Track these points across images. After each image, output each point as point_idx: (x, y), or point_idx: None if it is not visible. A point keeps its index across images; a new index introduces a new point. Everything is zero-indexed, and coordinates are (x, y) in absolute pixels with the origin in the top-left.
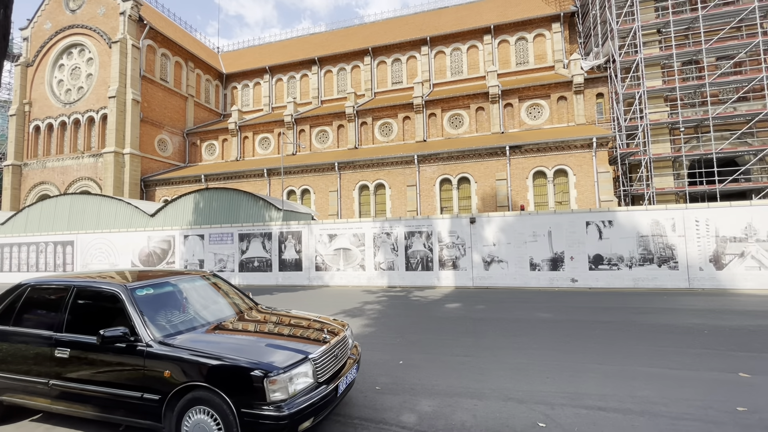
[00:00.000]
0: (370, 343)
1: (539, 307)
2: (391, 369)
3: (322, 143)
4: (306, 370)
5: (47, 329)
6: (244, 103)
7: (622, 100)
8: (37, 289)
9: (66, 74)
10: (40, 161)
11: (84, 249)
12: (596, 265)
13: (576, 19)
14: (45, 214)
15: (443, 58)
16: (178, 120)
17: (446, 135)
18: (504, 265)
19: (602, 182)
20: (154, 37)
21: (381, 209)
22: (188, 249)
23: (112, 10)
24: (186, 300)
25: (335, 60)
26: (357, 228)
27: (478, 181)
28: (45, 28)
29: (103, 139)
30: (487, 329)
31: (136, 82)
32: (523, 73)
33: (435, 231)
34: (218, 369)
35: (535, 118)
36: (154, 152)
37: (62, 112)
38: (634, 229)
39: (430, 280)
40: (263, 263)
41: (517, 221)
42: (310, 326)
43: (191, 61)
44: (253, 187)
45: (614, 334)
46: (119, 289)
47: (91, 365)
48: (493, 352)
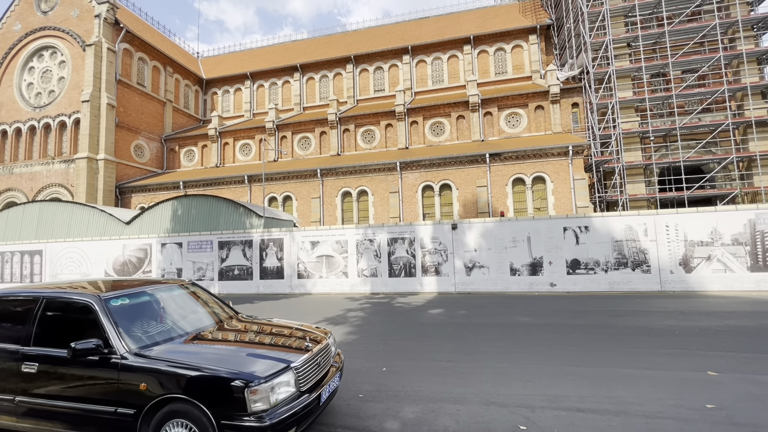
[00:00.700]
0: (353, 350)
1: (519, 312)
2: (374, 376)
3: (305, 150)
4: (288, 379)
5: (13, 343)
6: (224, 109)
7: (596, 109)
8: (3, 301)
9: (36, 77)
10: (7, 167)
11: (54, 258)
12: (574, 269)
13: (552, 32)
14: (11, 223)
15: (424, 66)
16: (156, 125)
17: (428, 142)
18: (485, 271)
19: (578, 189)
20: (131, 40)
21: (364, 216)
22: (166, 257)
23: (86, 12)
24: (163, 310)
25: (317, 67)
26: (340, 235)
27: (460, 188)
28: (14, 29)
29: (75, 145)
30: (469, 334)
31: (111, 86)
32: (501, 82)
33: (417, 237)
34: (197, 380)
35: (514, 127)
36: (130, 158)
37: (32, 116)
38: (609, 234)
39: (413, 286)
40: (244, 271)
41: (497, 227)
42: (291, 334)
43: (170, 65)
44: (234, 194)
45: (591, 336)
46: (92, 300)
47: (61, 380)
48: (475, 357)
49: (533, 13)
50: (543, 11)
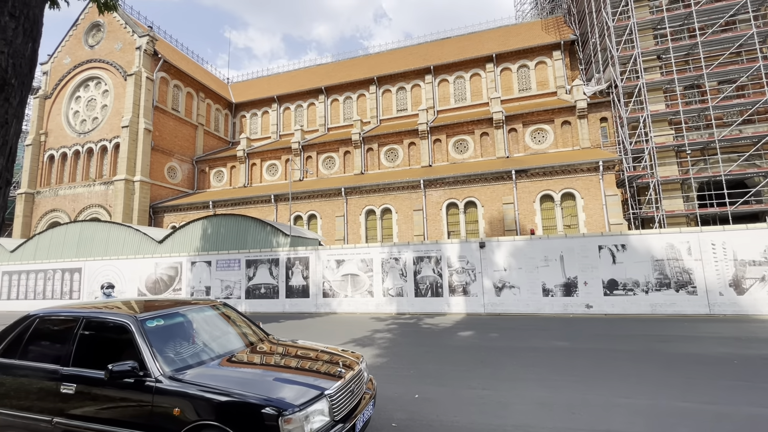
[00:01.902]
0: (383, 374)
1: (555, 335)
2: (406, 403)
3: (329, 169)
4: (322, 408)
5: (54, 363)
6: (252, 131)
7: (626, 123)
8: (46, 321)
9: (82, 106)
10: (53, 189)
11: (91, 276)
12: (611, 290)
13: (576, 47)
14: (54, 242)
15: (447, 85)
16: (188, 148)
17: (451, 160)
18: (516, 291)
19: (611, 205)
20: (168, 69)
21: (388, 234)
22: (195, 276)
23: (128, 45)
24: (196, 331)
25: (341, 89)
26: (365, 253)
27: (485, 205)
28: (64, 62)
29: (114, 167)
30: (504, 359)
31: (148, 112)
32: (526, 99)
33: (444, 256)
34: (230, 407)
35: (540, 143)
36: (163, 179)
37: (76, 142)
38: (648, 252)
39: (440, 306)
40: (270, 290)
41: (527, 245)
42: (323, 359)
43: (202, 91)
44: (261, 213)
45: (638, 364)
46: (129, 321)
47: (98, 401)
48: (513, 384)
49: (557, 30)
50: (567, 27)
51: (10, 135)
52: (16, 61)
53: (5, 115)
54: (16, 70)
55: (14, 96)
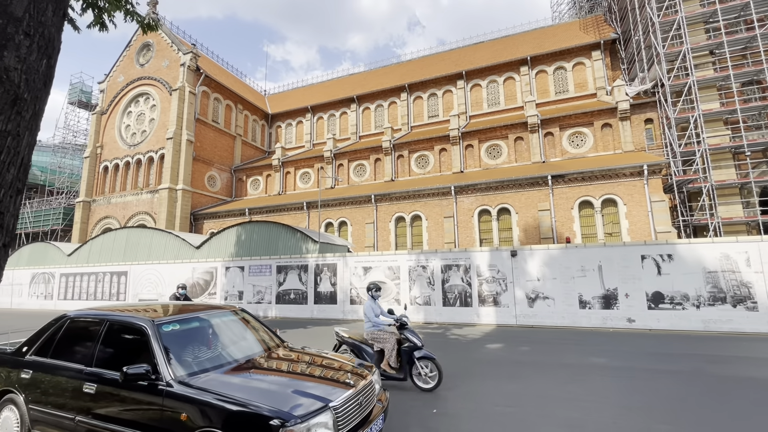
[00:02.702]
0: (401, 386)
1: (592, 351)
2: (423, 418)
3: (360, 176)
4: (326, 420)
5: (79, 363)
6: (287, 140)
7: (674, 124)
8: (76, 321)
9: (133, 120)
10: (106, 198)
11: (136, 279)
12: (656, 303)
13: (617, 46)
14: (105, 247)
15: (479, 90)
16: (227, 157)
17: (484, 165)
18: (550, 302)
19: (657, 212)
20: (209, 83)
21: (417, 241)
22: (229, 280)
23: (174, 62)
24: (212, 337)
25: (373, 97)
26: (392, 260)
27: (519, 212)
28: (118, 80)
29: (159, 177)
30: (533, 375)
31: (190, 124)
32: (563, 101)
33: (473, 264)
34: (232, 415)
35: (578, 147)
36: (203, 188)
37: (127, 153)
38: (699, 263)
39: (469, 316)
40: (299, 295)
41: (563, 254)
42: (333, 369)
43: (240, 103)
44: (294, 220)
45: (685, 386)
46: (146, 324)
47: (114, 402)
48: (541, 403)
49: (596, 29)
50: (607, 26)
51: (23, 147)
52: (30, 77)
53: (17, 128)
54: (30, 85)
55: (27, 110)
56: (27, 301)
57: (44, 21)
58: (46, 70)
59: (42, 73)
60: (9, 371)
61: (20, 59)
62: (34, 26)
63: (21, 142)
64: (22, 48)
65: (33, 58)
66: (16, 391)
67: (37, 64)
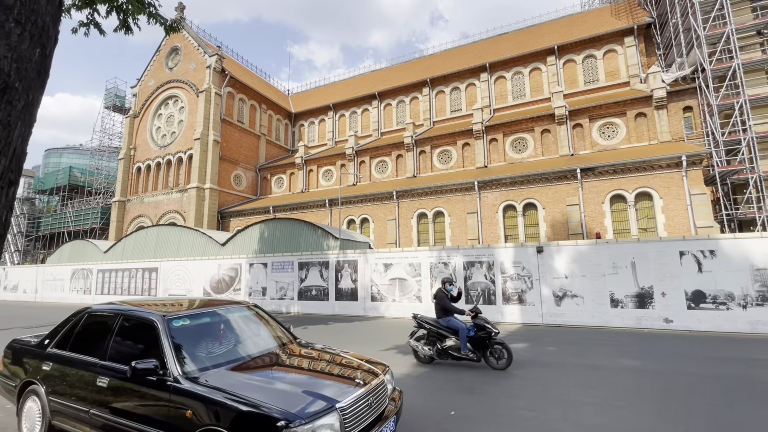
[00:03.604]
0: (419, 386)
1: (624, 352)
2: (440, 420)
3: (382, 173)
4: (332, 422)
5: (94, 356)
6: (310, 138)
7: (717, 112)
8: (93, 316)
9: (163, 122)
10: (139, 197)
11: (165, 275)
12: (696, 303)
13: (653, 30)
14: (137, 244)
15: (504, 83)
16: (252, 157)
17: (509, 160)
18: (579, 301)
19: (697, 205)
20: (234, 84)
21: (440, 237)
22: (253, 277)
23: (200, 64)
24: (223, 332)
25: (394, 93)
26: (413, 257)
27: (546, 207)
28: (149, 84)
29: (188, 176)
30: (559, 377)
31: (217, 125)
32: (593, 91)
33: (497, 261)
34: (235, 413)
35: (610, 138)
36: (230, 186)
37: (158, 155)
38: (746, 260)
39: (492, 314)
40: (321, 292)
41: (592, 251)
42: (343, 367)
43: (264, 103)
44: (316, 217)
45: (728, 393)
46: (156, 319)
47: (125, 396)
48: (565, 408)
49: (629, 14)
50: (641, 10)
51: (14, 137)
52: (21, 66)
53: (8, 118)
54: (21, 74)
55: (18, 99)
56: (68, 295)
57: (37, 9)
58: (41, 59)
59: (35, 63)
60: (32, 363)
61: (10, 47)
62: (25, 14)
63: (12, 133)
64: (12, 36)
65: (25, 47)
66: (38, 383)
67: (30, 53)
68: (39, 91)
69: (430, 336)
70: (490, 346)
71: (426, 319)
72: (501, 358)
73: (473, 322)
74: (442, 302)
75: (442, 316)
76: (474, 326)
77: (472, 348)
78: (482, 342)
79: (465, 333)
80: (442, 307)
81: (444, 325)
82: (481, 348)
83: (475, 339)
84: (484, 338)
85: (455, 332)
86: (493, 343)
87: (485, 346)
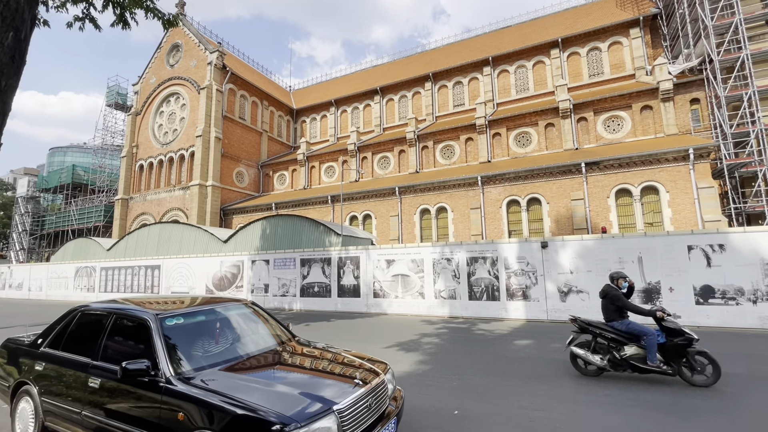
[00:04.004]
0: (422, 384)
1: None
2: (443, 420)
3: (384, 169)
4: (329, 425)
5: (87, 356)
6: (311, 135)
7: (724, 104)
8: (86, 314)
9: (165, 119)
10: (142, 195)
11: (168, 273)
12: (705, 298)
13: (659, 22)
14: (140, 241)
15: (507, 76)
16: (254, 153)
17: (512, 154)
18: (584, 296)
19: (705, 199)
20: (235, 81)
21: (443, 233)
22: (255, 273)
23: (201, 61)
24: (219, 331)
25: (396, 88)
26: (415, 253)
27: (551, 202)
28: (151, 82)
29: (190, 174)
30: (565, 375)
31: (218, 122)
32: (597, 84)
33: (501, 257)
34: (227, 416)
35: (615, 132)
36: (232, 183)
37: (160, 152)
38: (756, 254)
39: (496, 311)
40: (323, 288)
41: (598, 245)
42: (342, 367)
43: (266, 100)
44: (319, 214)
45: (741, 393)
46: (149, 317)
47: (116, 398)
48: (573, 408)
49: (634, 5)
50: (646, 1)
51: None
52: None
53: None
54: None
55: None
56: (72, 293)
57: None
58: (14, 43)
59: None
60: (25, 363)
61: None
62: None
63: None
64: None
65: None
66: (30, 383)
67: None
68: (14, 78)
69: (598, 343)
70: (687, 355)
71: (592, 323)
72: (702, 372)
73: (662, 325)
74: (619, 301)
75: (616, 319)
76: (662, 330)
77: (664, 358)
78: (677, 351)
79: (654, 339)
80: (619, 307)
81: (622, 329)
82: (676, 358)
83: (667, 347)
84: (682, 346)
85: (636, 338)
86: (692, 353)
87: (680, 355)
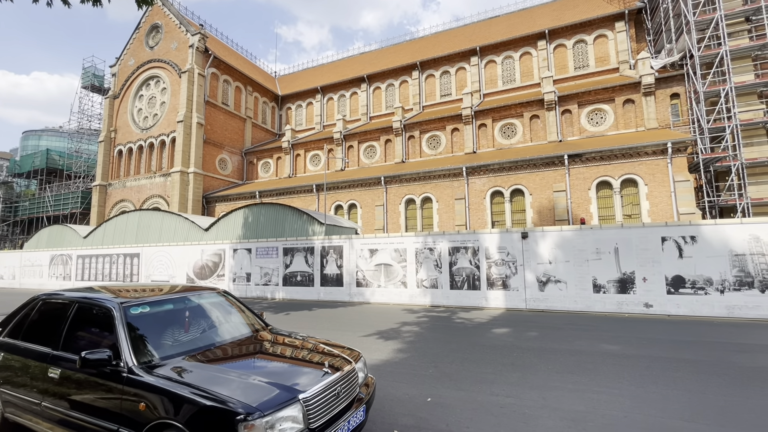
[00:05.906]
0: (398, 372)
1: (605, 337)
2: (416, 407)
3: (370, 158)
4: (294, 414)
5: (46, 346)
6: (297, 122)
7: (703, 99)
8: (48, 303)
9: (144, 103)
10: (121, 181)
11: (148, 261)
12: (676, 288)
13: (643, 16)
14: (118, 229)
15: (494, 67)
16: (237, 140)
17: (498, 145)
18: (562, 286)
19: (681, 192)
20: (218, 65)
21: (428, 223)
22: (237, 262)
23: (182, 43)
24: (186, 320)
25: (384, 76)
26: (398, 243)
27: (534, 193)
28: (129, 64)
29: (171, 160)
30: (538, 363)
31: (200, 107)
32: (582, 77)
33: (482, 247)
34: (189, 406)
35: (598, 125)
36: (215, 171)
37: (140, 137)
38: (725, 246)
39: (477, 300)
40: (306, 278)
41: (576, 236)
42: (312, 355)
43: (250, 85)
44: (304, 203)
45: (707, 378)
46: (113, 306)
47: (76, 388)
48: (543, 394)
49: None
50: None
51: None
52: None
53: None
54: None
55: None
56: (47, 282)
57: None
58: None
59: None
60: None
61: None
62: None
63: None
64: None
65: None
66: None
67: None
68: None
69: None
70: None
71: None
72: None
73: None
74: None
75: None
76: None
77: None
78: None
79: None
80: None
81: None
82: None
83: None
84: None
85: None
86: None
87: None
